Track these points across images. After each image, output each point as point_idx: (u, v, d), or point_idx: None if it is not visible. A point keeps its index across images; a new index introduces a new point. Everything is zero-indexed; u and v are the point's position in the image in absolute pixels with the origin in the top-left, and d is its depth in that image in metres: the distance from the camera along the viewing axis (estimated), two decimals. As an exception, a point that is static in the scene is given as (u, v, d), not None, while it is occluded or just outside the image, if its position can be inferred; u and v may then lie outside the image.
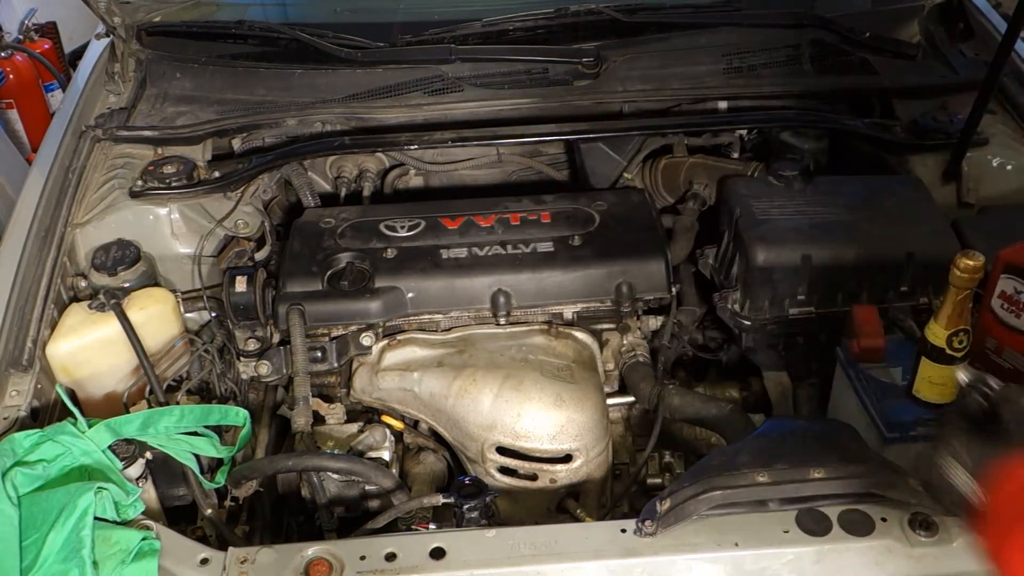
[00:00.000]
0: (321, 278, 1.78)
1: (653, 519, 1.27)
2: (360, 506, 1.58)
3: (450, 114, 2.09)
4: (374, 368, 1.75)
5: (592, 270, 1.78)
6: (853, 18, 2.24)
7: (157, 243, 1.88)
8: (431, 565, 1.26)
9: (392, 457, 1.63)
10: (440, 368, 1.71)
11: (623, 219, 1.87)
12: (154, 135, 2.06)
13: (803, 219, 1.76)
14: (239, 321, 1.76)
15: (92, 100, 2.22)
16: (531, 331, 1.78)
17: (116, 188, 1.93)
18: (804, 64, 2.16)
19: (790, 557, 1.25)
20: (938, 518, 1.26)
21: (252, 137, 2.12)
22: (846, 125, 2.04)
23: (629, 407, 1.81)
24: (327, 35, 2.18)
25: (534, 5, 2.24)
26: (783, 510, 1.29)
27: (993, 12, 2.34)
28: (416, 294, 1.77)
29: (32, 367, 1.59)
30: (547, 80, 2.14)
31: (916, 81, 2.11)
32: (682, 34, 2.21)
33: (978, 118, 1.80)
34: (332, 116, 2.09)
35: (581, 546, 1.27)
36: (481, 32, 2.20)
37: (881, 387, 1.50)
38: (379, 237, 1.85)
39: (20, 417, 1.51)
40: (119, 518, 1.33)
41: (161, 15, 2.28)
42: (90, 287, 1.79)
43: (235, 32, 2.27)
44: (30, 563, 1.23)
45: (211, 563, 1.29)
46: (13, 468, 1.31)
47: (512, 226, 1.86)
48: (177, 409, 1.50)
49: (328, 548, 1.28)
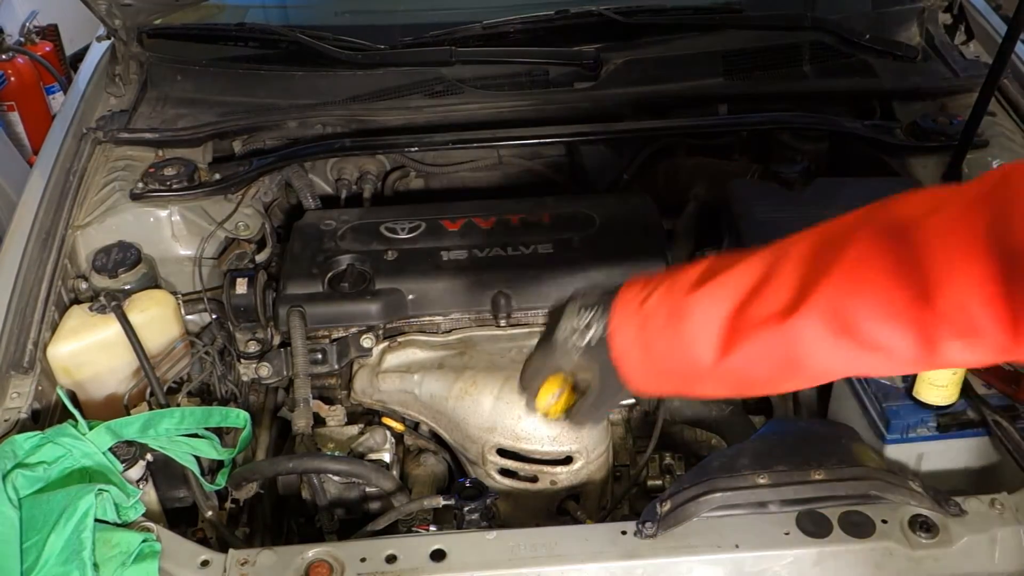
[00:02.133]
0: (322, 280, 1.78)
1: (653, 521, 1.27)
2: (360, 508, 1.58)
3: (450, 116, 2.09)
4: (374, 370, 1.75)
5: (592, 272, 1.78)
6: (853, 20, 2.24)
7: (158, 245, 1.88)
8: (431, 567, 1.26)
9: (392, 459, 1.63)
10: (441, 370, 1.71)
11: (623, 221, 1.88)
12: (155, 137, 2.06)
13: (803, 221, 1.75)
14: (240, 323, 1.76)
15: (93, 102, 2.22)
16: (532, 333, 1.78)
17: (117, 190, 1.93)
18: (804, 66, 2.16)
19: (790, 559, 1.25)
20: (939, 520, 1.26)
21: (253, 139, 2.13)
22: (846, 127, 2.04)
23: (629, 409, 1.81)
24: (328, 37, 2.19)
25: (534, 7, 2.24)
26: (783, 512, 1.29)
27: (993, 14, 2.34)
28: (417, 296, 1.77)
29: (33, 369, 1.59)
30: (547, 82, 2.14)
31: (916, 83, 2.11)
32: (682, 36, 2.21)
33: (978, 120, 1.80)
34: (333, 118, 2.09)
35: (581, 548, 1.27)
36: (481, 34, 2.21)
37: (881, 389, 1.49)
38: (380, 239, 1.86)
39: (21, 419, 1.51)
40: (120, 520, 1.33)
41: (162, 18, 2.28)
42: (91, 289, 1.79)
43: (236, 35, 2.27)
44: (31, 565, 1.23)
45: (212, 565, 1.29)
46: (14, 470, 1.31)
47: (512, 228, 1.86)
48: (178, 411, 1.50)
49: (328, 550, 1.28)
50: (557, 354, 1.08)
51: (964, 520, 1.27)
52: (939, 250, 0.84)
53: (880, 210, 0.92)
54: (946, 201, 0.86)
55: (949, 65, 2.16)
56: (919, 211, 0.87)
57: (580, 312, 1.06)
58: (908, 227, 0.87)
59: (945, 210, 0.85)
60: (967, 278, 0.82)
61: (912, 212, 0.88)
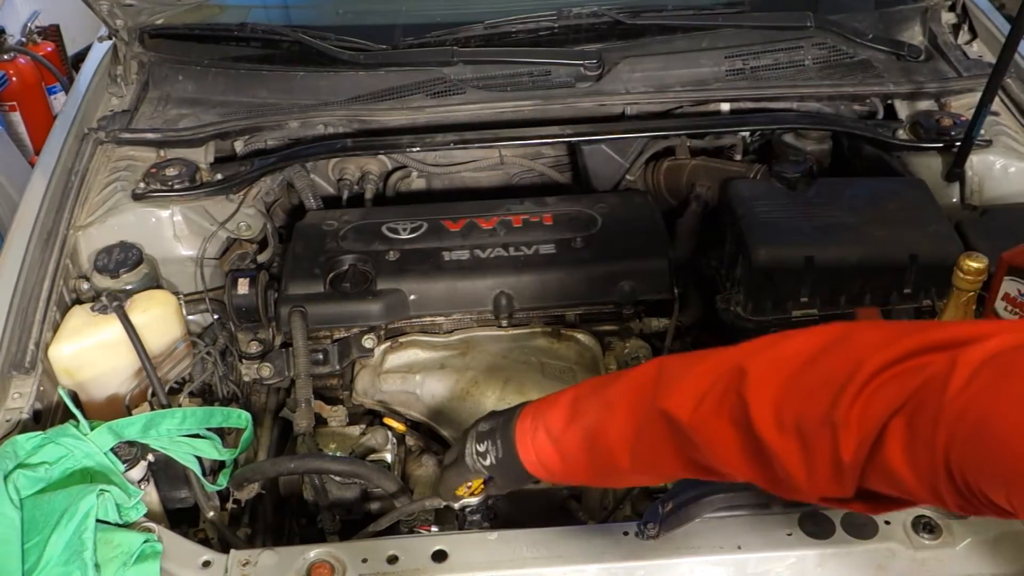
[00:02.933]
0: (323, 280, 1.78)
1: (655, 522, 1.27)
2: (362, 508, 1.58)
3: (452, 116, 2.08)
4: (376, 370, 1.75)
5: (594, 272, 1.77)
6: (856, 19, 2.24)
7: (159, 245, 1.88)
8: (433, 568, 1.26)
9: (394, 459, 1.63)
10: (442, 370, 1.71)
11: (625, 221, 1.87)
12: (156, 137, 2.06)
13: (806, 221, 1.76)
14: (241, 323, 1.76)
15: (95, 103, 2.23)
16: (533, 333, 1.78)
17: (118, 190, 1.93)
18: (807, 66, 2.16)
19: (793, 560, 1.25)
20: (942, 521, 1.26)
21: (254, 139, 2.13)
22: (849, 127, 2.04)
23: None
24: (329, 37, 2.18)
25: (536, 7, 2.24)
26: (786, 513, 1.28)
27: (996, 13, 2.34)
28: (418, 296, 1.77)
29: (34, 369, 1.59)
30: (549, 82, 2.14)
31: (919, 83, 2.11)
32: (685, 36, 2.21)
33: (981, 120, 1.80)
34: (334, 118, 2.09)
35: (583, 549, 1.27)
36: (483, 34, 2.20)
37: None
38: (381, 239, 1.85)
39: (22, 419, 1.51)
40: (121, 520, 1.34)
41: (164, 18, 2.28)
42: (92, 289, 1.79)
43: (237, 35, 2.27)
44: (32, 565, 1.23)
45: (213, 565, 1.29)
46: (15, 470, 1.31)
47: (514, 228, 1.86)
48: (179, 411, 1.50)
49: (330, 551, 1.28)
50: (471, 472, 1.30)
51: (967, 521, 1.26)
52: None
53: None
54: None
55: (952, 64, 2.16)
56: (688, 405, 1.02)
57: (478, 442, 1.28)
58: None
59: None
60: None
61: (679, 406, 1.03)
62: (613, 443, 1.12)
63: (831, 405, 0.87)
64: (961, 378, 0.79)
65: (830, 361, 0.92)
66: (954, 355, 0.81)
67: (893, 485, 0.87)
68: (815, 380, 0.91)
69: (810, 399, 0.90)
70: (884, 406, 0.84)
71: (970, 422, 0.78)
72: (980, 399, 0.78)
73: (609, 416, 1.13)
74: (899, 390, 0.84)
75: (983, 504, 0.81)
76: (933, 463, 0.81)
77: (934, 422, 0.80)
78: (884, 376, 0.86)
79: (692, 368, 1.05)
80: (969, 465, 0.79)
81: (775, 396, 0.93)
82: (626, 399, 1.12)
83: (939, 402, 0.80)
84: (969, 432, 0.78)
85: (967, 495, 0.81)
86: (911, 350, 0.86)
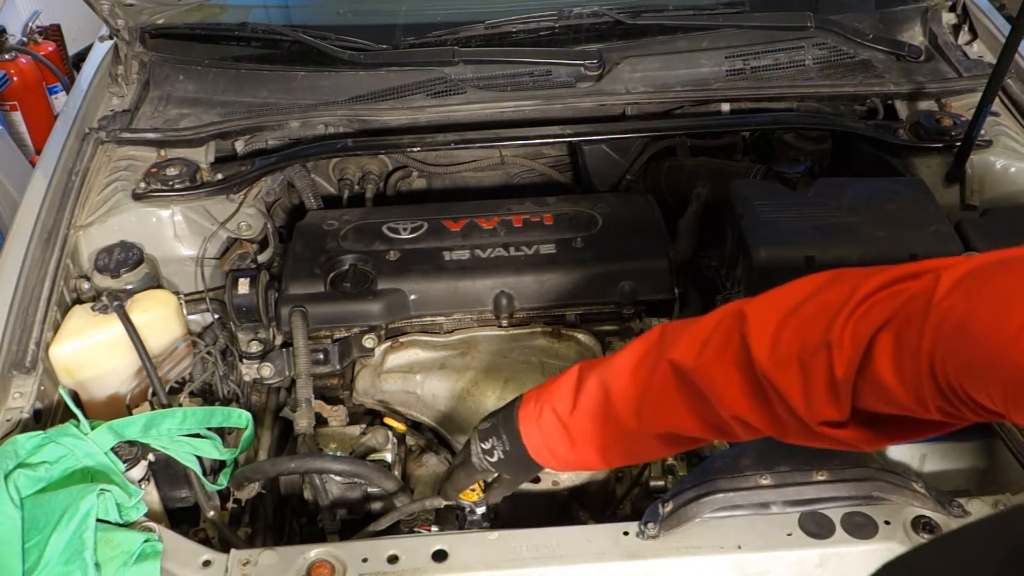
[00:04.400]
0: (324, 280, 1.78)
1: (656, 522, 1.27)
2: (362, 508, 1.58)
3: (453, 116, 2.09)
4: (377, 370, 1.75)
5: (594, 272, 1.77)
6: (856, 19, 2.24)
7: (160, 245, 1.87)
8: (433, 567, 1.26)
9: (394, 459, 1.63)
10: (443, 370, 1.71)
11: (626, 221, 1.87)
12: (157, 137, 2.06)
13: (806, 221, 1.76)
14: (242, 323, 1.76)
15: (95, 102, 2.23)
16: (533, 333, 1.78)
17: (119, 190, 1.93)
18: (807, 66, 2.16)
19: (793, 560, 1.25)
20: (942, 521, 1.26)
21: (255, 139, 2.13)
22: (849, 127, 2.04)
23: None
24: (330, 37, 2.18)
25: (537, 7, 2.24)
26: (786, 513, 1.28)
27: (997, 14, 2.34)
28: (419, 296, 1.77)
29: (35, 369, 1.59)
30: (550, 82, 2.14)
31: (919, 83, 2.11)
32: (685, 36, 2.21)
33: (981, 120, 1.80)
34: (335, 118, 2.09)
35: (583, 549, 1.27)
36: (484, 34, 2.20)
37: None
38: (382, 239, 1.86)
39: (23, 419, 1.51)
40: (121, 520, 1.34)
41: (164, 17, 2.28)
42: (93, 289, 1.79)
43: (238, 34, 2.27)
44: (32, 565, 1.23)
45: (213, 565, 1.29)
46: (16, 470, 1.32)
47: (515, 228, 1.86)
48: (180, 411, 1.50)
49: (330, 550, 1.28)
50: (478, 472, 1.34)
51: (967, 521, 1.26)
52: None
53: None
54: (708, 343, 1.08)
55: (952, 65, 2.16)
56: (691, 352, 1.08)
57: (482, 440, 1.31)
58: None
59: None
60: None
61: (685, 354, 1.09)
62: (619, 403, 1.16)
63: (827, 329, 0.94)
64: (944, 288, 0.86)
65: (826, 295, 0.98)
66: (939, 273, 0.88)
67: (883, 398, 0.92)
68: (812, 311, 0.98)
69: (807, 327, 0.97)
70: (873, 321, 0.91)
71: (951, 323, 0.84)
72: (961, 303, 0.84)
73: (614, 379, 1.17)
74: (888, 307, 0.91)
75: (965, 405, 0.86)
76: (918, 368, 0.87)
77: (919, 329, 0.86)
78: (875, 298, 0.93)
79: (695, 322, 1.12)
80: (952, 364, 0.84)
81: (774, 331, 0.99)
82: (631, 361, 1.16)
83: (924, 311, 0.86)
84: (950, 332, 0.84)
85: (950, 397, 0.86)
86: (901, 275, 0.93)
